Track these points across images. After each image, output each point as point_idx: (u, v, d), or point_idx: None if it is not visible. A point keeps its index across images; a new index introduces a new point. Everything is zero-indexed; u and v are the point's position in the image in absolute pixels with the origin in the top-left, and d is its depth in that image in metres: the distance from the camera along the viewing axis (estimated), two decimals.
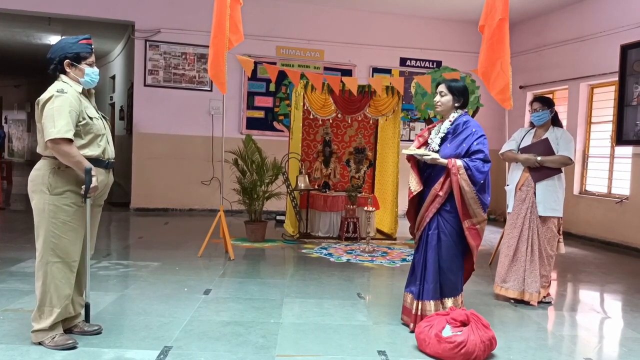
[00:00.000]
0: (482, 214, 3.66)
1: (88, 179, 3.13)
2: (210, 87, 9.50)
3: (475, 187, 3.60)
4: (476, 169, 3.58)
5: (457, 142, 3.70)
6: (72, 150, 3.09)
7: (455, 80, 3.97)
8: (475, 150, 3.63)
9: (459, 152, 3.66)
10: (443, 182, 3.67)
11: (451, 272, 3.72)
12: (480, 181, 3.59)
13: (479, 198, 3.62)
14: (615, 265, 6.67)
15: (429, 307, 3.70)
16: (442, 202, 3.69)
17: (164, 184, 9.43)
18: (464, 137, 3.69)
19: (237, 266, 5.67)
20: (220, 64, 5.71)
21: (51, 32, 11.99)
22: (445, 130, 3.78)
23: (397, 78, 9.16)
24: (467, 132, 3.69)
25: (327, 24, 9.87)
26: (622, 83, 7.58)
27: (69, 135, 3.06)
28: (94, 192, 3.21)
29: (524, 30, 9.92)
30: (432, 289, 3.71)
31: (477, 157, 3.61)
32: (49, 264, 3.18)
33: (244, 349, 3.36)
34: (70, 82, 3.24)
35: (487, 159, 3.63)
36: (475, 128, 3.70)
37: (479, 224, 3.67)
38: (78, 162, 3.12)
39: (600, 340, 4.04)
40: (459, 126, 3.74)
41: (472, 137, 3.66)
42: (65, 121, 3.06)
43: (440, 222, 3.72)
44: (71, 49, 3.26)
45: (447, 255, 3.71)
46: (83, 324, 3.47)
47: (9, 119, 24.45)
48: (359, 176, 8.18)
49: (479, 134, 3.67)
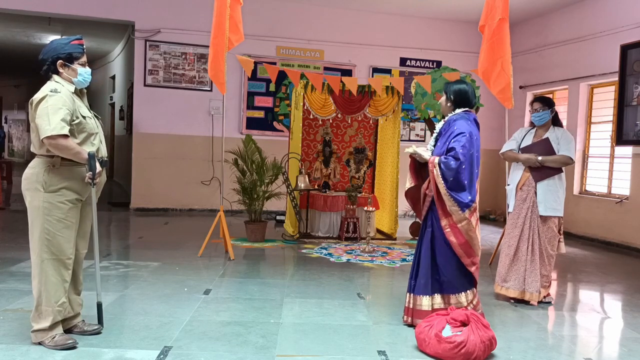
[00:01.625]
0: (460, 212, 3.68)
1: (93, 163, 3.16)
2: (210, 87, 9.50)
3: (446, 184, 3.66)
4: (445, 165, 3.67)
5: (443, 140, 3.83)
6: (69, 143, 3.12)
7: (457, 82, 4.02)
8: (450, 147, 3.72)
9: (443, 151, 3.77)
10: (429, 181, 3.81)
11: (447, 268, 3.77)
12: (449, 178, 3.66)
13: (451, 195, 3.66)
14: (615, 265, 6.67)
15: (419, 302, 3.81)
16: (432, 201, 3.80)
17: (164, 184, 9.43)
18: (447, 135, 3.80)
19: (237, 266, 5.67)
20: (220, 64, 5.71)
21: (51, 32, 11.99)
22: (439, 130, 3.93)
23: (397, 78, 9.16)
24: (451, 130, 3.80)
25: (327, 24, 9.87)
26: (622, 83, 7.58)
27: (64, 131, 3.08)
28: (99, 177, 3.24)
29: (524, 30, 9.91)
30: (423, 284, 3.81)
31: (449, 154, 3.70)
32: (44, 261, 3.20)
33: (244, 349, 3.36)
34: (63, 82, 3.26)
35: (457, 156, 3.65)
36: (458, 126, 3.76)
37: (459, 222, 3.69)
38: (78, 152, 3.15)
39: (600, 340, 4.04)
40: (448, 125, 3.85)
41: (452, 135, 3.75)
42: (59, 118, 3.08)
43: (434, 220, 3.81)
44: (63, 50, 3.28)
45: (440, 251, 3.78)
46: (83, 324, 3.47)
47: (9, 119, 24.45)
48: (359, 176, 8.18)
49: (457, 132, 3.73)
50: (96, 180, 3.22)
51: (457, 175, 3.65)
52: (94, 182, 3.21)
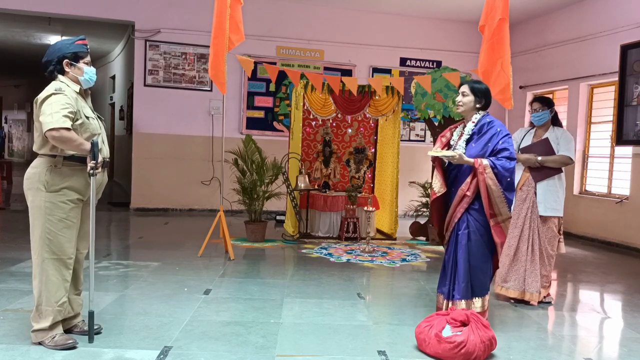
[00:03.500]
0: (508, 212, 3.71)
1: (96, 151, 3.15)
2: (210, 87, 9.50)
3: (502, 186, 3.64)
4: (502, 167, 3.63)
5: (482, 142, 3.75)
6: (72, 134, 3.11)
7: (478, 82, 3.97)
8: (500, 148, 3.68)
9: (485, 152, 3.72)
10: (470, 182, 3.72)
11: (481, 270, 3.76)
12: (506, 179, 3.64)
13: (505, 196, 3.67)
14: (615, 265, 6.67)
15: (460, 307, 3.70)
16: (470, 202, 3.73)
17: (164, 184, 9.43)
18: (489, 136, 3.74)
19: (237, 266, 5.67)
20: (221, 64, 5.71)
21: (51, 32, 11.98)
22: (470, 132, 3.83)
23: (397, 78, 9.16)
24: (492, 131, 3.74)
25: (327, 24, 9.87)
26: (622, 83, 7.58)
27: (67, 125, 3.08)
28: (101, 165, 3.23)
29: (524, 30, 9.91)
30: (463, 288, 3.73)
31: (502, 156, 3.66)
32: (45, 261, 3.20)
33: (244, 349, 3.36)
34: (68, 82, 3.27)
35: (513, 156, 3.69)
36: (500, 127, 3.75)
37: (504, 222, 3.72)
38: (81, 144, 3.14)
39: (600, 340, 4.04)
40: (484, 127, 3.79)
41: (497, 136, 3.71)
42: (63, 113, 3.09)
43: (471, 221, 3.75)
44: (69, 49, 3.30)
45: (478, 253, 3.74)
46: (83, 324, 3.47)
47: (9, 119, 24.45)
48: (359, 176, 8.18)
49: (503, 133, 3.72)
50: (98, 170, 3.20)
51: (512, 176, 3.68)
52: (96, 171, 3.18)
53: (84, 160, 3.20)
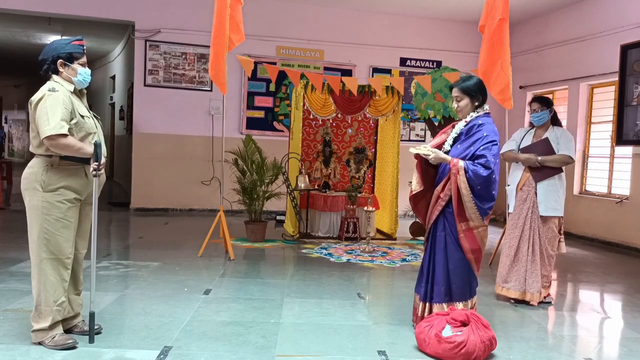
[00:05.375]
0: (480, 219, 3.55)
1: (99, 152, 3.16)
2: (210, 87, 9.50)
3: (473, 192, 3.49)
4: (474, 173, 3.46)
5: (467, 144, 3.60)
6: (70, 141, 3.12)
7: (467, 78, 3.76)
8: (479, 155, 3.51)
9: (466, 155, 3.56)
10: (444, 184, 3.60)
11: (458, 275, 3.61)
12: (476, 185, 3.47)
13: (475, 203, 3.51)
14: (615, 265, 6.66)
15: (437, 310, 3.63)
16: (445, 205, 3.62)
17: (164, 184, 9.42)
18: (474, 140, 3.58)
19: (237, 266, 5.67)
20: (221, 64, 5.71)
21: (51, 32, 11.98)
22: (459, 131, 3.69)
23: (397, 78, 9.16)
24: (478, 135, 3.57)
25: (327, 24, 9.87)
26: (622, 83, 7.58)
27: (64, 130, 3.09)
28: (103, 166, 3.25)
29: (524, 30, 9.91)
30: (442, 291, 3.63)
31: (479, 162, 3.49)
32: (43, 261, 3.20)
33: (244, 349, 3.36)
34: (62, 82, 3.27)
35: (489, 165, 3.46)
36: (487, 132, 3.55)
37: (476, 228, 3.56)
38: (80, 148, 3.15)
39: (600, 340, 4.04)
40: (473, 128, 3.63)
41: (481, 141, 3.54)
42: (58, 118, 3.09)
43: (447, 225, 3.63)
44: (64, 49, 3.29)
45: (453, 257, 3.61)
46: (83, 324, 3.47)
47: (9, 119, 24.46)
48: (359, 176, 8.18)
49: (489, 139, 3.53)
50: (100, 171, 3.21)
51: (486, 184, 3.47)
52: (99, 172, 3.20)
53: (80, 159, 3.20)
